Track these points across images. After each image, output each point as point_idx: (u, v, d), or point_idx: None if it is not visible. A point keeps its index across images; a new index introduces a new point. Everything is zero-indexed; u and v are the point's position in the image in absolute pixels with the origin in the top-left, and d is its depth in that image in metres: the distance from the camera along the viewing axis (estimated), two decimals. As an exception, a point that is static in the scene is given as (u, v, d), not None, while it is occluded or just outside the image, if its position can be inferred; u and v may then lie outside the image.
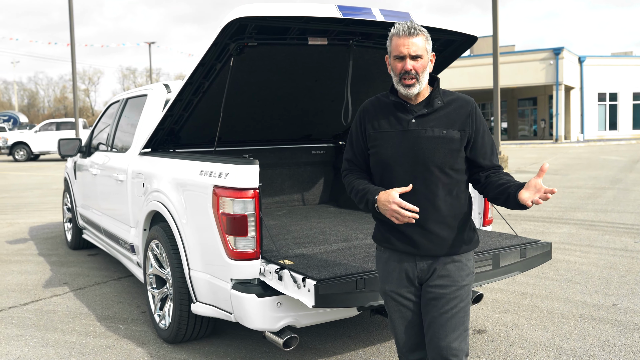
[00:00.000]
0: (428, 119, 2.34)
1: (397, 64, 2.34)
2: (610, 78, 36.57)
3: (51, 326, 4.41)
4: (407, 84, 2.32)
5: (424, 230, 2.35)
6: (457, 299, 2.38)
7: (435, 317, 2.38)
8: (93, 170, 5.78)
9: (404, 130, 2.36)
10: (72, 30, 21.48)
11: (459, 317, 2.38)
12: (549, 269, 5.76)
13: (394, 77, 2.37)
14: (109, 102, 6.34)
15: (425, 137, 2.32)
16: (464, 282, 2.40)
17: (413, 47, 2.30)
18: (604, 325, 4.21)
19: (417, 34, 2.32)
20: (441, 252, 2.37)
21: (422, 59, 2.32)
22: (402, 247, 2.40)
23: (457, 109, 2.38)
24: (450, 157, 2.33)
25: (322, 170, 5.64)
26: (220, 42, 3.52)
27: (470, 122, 2.37)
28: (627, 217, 8.61)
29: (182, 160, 3.92)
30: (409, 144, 2.34)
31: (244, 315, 3.19)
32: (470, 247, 2.44)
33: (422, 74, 2.33)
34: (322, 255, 3.44)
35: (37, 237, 7.98)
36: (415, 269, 2.41)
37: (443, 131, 2.32)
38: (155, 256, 4.13)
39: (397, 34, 2.33)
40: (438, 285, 2.38)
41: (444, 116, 2.35)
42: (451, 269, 2.38)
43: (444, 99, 2.39)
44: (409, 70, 2.30)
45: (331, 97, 4.71)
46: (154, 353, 3.86)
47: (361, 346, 3.91)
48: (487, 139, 2.42)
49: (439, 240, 2.35)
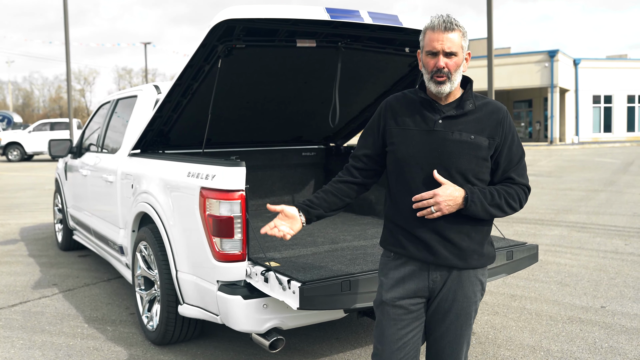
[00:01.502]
0: (457, 122, 2.19)
1: (430, 61, 2.18)
2: (605, 81, 36.71)
3: (39, 328, 4.39)
4: (439, 80, 2.16)
5: (442, 238, 2.20)
6: (466, 315, 2.28)
7: (443, 332, 2.28)
8: (83, 171, 5.76)
9: (429, 130, 2.20)
10: (67, 29, 21.44)
11: (466, 335, 2.30)
12: (539, 271, 5.78)
13: (426, 74, 2.21)
14: (101, 103, 6.33)
15: (452, 140, 2.17)
16: (476, 298, 2.29)
17: (448, 42, 2.14)
18: (592, 328, 4.22)
19: (454, 29, 2.16)
20: (458, 264, 2.22)
21: (456, 56, 2.18)
22: (417, 253, 2.23)
23: (489, 114, 2.23)
24: (476, 164, 2.18)
25: (312, 172, 5.64)
26: (209, 44, 3.52)
27: (500, 131, 2.21)
28: (619, 219, 8.64)
29: (170, 161, 3.92)
30: (432, 146, 2.18)
31: (230, 317, 3.18)
32: (487, 262, 2.30)
33: (455, 73, 2.18)
34: (309, 258, 3.43)
35: (27, 238, 7.95)
36: (427, 280, 2.25)
37: (471, 136, 2.17)
38: (143, 258, 4.13)
39: (431, 28, 2.17)
40: (450, 299, 2.25)
41: (473, 121, 2.20)
42: (465, 284, 2.25)
43: (476, 102, 2.24)
44: (442, 67, 2.15)
45: (321, 99, 4.71)
46: (141, 355, 3.85)
47: (349, 348, 3.91)
48: (514, 150, 2.25)
49: (458, 250, 2.21)
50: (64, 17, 21.43)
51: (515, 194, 2.25)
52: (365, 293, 2.97)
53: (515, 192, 2.25)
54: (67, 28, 21.45)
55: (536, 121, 37.95)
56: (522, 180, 2.27)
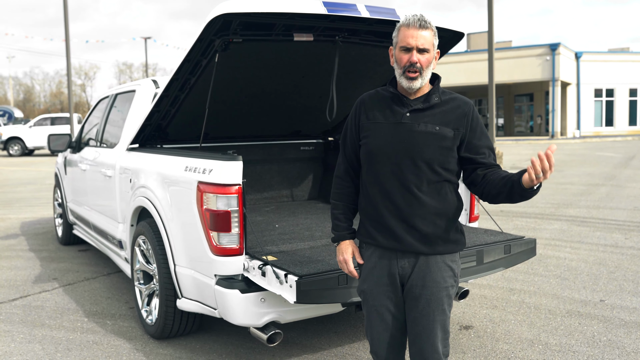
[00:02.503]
0: (423, 114, 2.31)
1: (403, 56, 2.28)
2: (607, 74, 36.58)
3: (39, 322, 4.40)
4: (411, 76, 2.27)
5: (407, 225, 2.31)
6: (437, 301, 2.34)
7: (416, 317, 2.36)
8: (82, 166, 5.77)
9: (397, 123, 2.32)
10: (67, 24, 21.41)
11: (441, 319, 2.35)
12: (538, 265, 5.78)
13: (398, 69, 2.32)
14: (100, 98, 6.33)
15: (417, 132, 2.29)
16: (446, 283, 2.35)
17: (421, 39, 2.26)
18: (591, 321, 4.22)
19: (427, 27, 2.27)
20: (424, 250, 2.32)
21: (428, 53, 2.28)
22: (384, 242, 2.36)
23: (454, 108, 2.34)
24: (440, 154, 2.29)
25: (311, 166, 5.64)
26: (205, 38, 3.51)
27: (465, 122, 2.33)
28: (619, 213, 8.63)
29: (168, 156, 3.92)
30: (400, 137, 2.31)
31: (227, 311, 3.19)
32: (455, 249, 2.38)
33: (426, 69, 2.29)
34: (306, 252, 3.44)
35: (28, 232, 7.97)
36: (396, 266, 2.36)
37: (436, 127, 2.29)
38: (142, 252, 4.13)
39: (406, 25, 2.28)
40: (419, 285, 2.33)
41: (439, 113, 2.32)
42: (433, 269, 2.33)
43: (442, 97, 2.35)
44: (415, 62, 2.25)
45: (319, 93, 4.71)
46: (141, 349, 3.86)
47: (347, 342, 3.92)
48: (484, 141, 2.37)
49: (422, 236, 2.31)
50: (64, 13, 21.40)
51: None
52: (362, 287, 2.97)
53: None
54: (67, 23, 21.42)
55: (537, 115, 37.86)
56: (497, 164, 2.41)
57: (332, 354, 3.72)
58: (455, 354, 3.71)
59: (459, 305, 4.64)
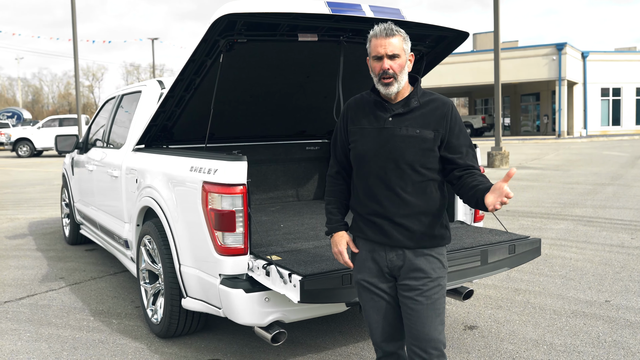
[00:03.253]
0: (404, 118, 2.42)
1: (376, 65, 2.41)
2: (614, 73, 36.41)
3: (45, 321, 4.44)
4: (386, 82, 2.39)
5: (394, 223, 2.42)
6: (430, 291, 2.43)
7: (411, 308, 2.43)
8: (89, 166, 5.81)
9: (381, 128, 2.44)
10: (75, 26, 21.52)
11: (434, 309, 2.43)
12: (543, 265, 5.77)
13: (374, 77, 2.44)
14: (106, 99, 6.37)
15: (399, 136, 2.40)
16: (436, 274, 2.45)
17: (390, 47, 2.37)
18: (596, 322, 4.21)
19: (394, 34, 2.38)
20: (410, 245, 2.42)
21: (399, 58, 2.39)
22: (373, 236, 2.47)
23: (433, 110, 2.44)
24: (422, 155, 2.39)
25: (316, 166, 5.65)
26: (210, 39, 3.53)
27: (444, 123, 2.42)
28: (626, 213, 8.59)
29: (173, 156, 3.94)
30: (382, 141, 2.42)
31: (232, 311, 3.20)
32: (440, 243, 2.49)
33: (400, 74, 2.40)
34: (310, 251, 3.45)
35: (36, 232, 8.02)
36: (385, 259, 2.46)
37: (417, 131, 2.39)
38: (147, 251, 4.16)
39: (374, 36, 2.41)
40: (411, 277, 2.43)
41: (419, 116, 2.42)
42: (422, 262, 2.43)
43: (422, 99, 2.45)
44: (387, 69, 2.37)
45: (324, 93, 4.72)
46: (146, 348, 3.88)
47: (352, 341, 3.93)
48: (462, 140, 2.46)
49: (408, 233, 2.42)
50: (72, 14, 21.51)
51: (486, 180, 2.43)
52: (366, 286, 2.98)
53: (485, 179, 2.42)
54: (74, 25, 21.54)
55: (544, 114, 37.73)
56: (478, 167, 2.49)
57: (336, 354, 3.73)
58: (460, 354, 3.71)
59: (464, 305, 4.64)
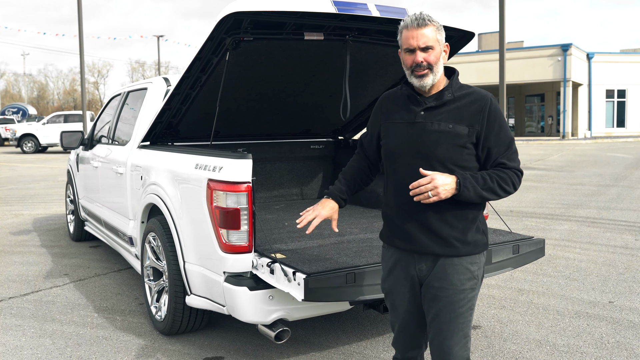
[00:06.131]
0: (437, 112, 2.27)
1: (408, 57, 2.28)
2: (619, 75, 36.28)
3: (49, 317, 4.46)
4: (420, 74, 2.25)
5: (423, 226, 2.28)
6: (455, 303, 2.29)
7: (433, 319, 2.34)
8: (94, 163, 5.82)
9: (412, 122, 2.31)
10: (81, 22, 21.58)
11: (457, 323, 2.31)
12: (547, 265, 5.76)
13: (406, 70, 2.31)
14: (112, 95, 6.38)
15: (431, 130, 2.25)
16: (464, 286, 2.29)
17: (422, 38, 2.23)
18: (599, 323, 4.21)
19: (427, 24, 2.24)
20: (440, 251, 2.28)
21: (433, 50, 2.25)
22: (401, 244, 2.36)
23: (469, 104, 2.28)
24: (455, 152, 2.24)
25: (321, 164, 5.66)
26: (216, 37, 3.54)
27: (480, 118, 2.25)
28: (630, 214, 8.57)
29: (178, 153, 3.95)
30: (414, 136, 2.29)
31: (236, 308, 3.21)
32: (473, 250, 2.31)
33: (436, 65, 2.26)
34: (315, 250, 3.45)
35: (40, 228, 8.05)
36: (414, 269, 2.35)
37: (449, 125, 2.24)
38: (152, 249, 4.17)
39: (405, 27, 2.27)
40: (436, 287, 2.31)
41: (453, 110, 2.27)
42: (450, 272, 2.29)
43: (457, 92, 2.29)
44: (420, 62, 2.24)
45: (329, 92, 4.72)
46: (150, 344, 3.89)
47: (355, 340, 3.94)
48: (503, 137, 2.28)
49: (438, 238, 2.27)
50: (78, 11, 21.56)
51: (509, 178, 2.28)
52: (370, 285, 2.99)
53: (508, 176, 2.28)
54: (80, 21, 21.59)
55: (548, 115, 37.63)
56: (513, 164, 2.30)
57: (339, 352, 3.74)
58: (463, 354, 3.71)
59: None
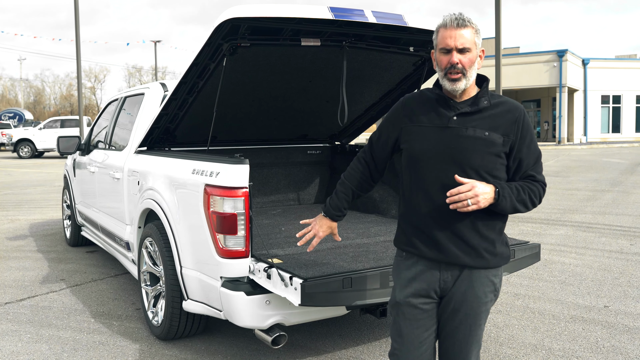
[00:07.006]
0: (471, 118, 2.19)
1: (443, 58, 2.18)
2: (614, 81, 36.50)
3: (46, 322, 4.45)
4: (453, 78, 2.16)
5: (454, 235, 2.20)
6: (477, 316, 2.27)
7: (452, 331, 2.29)
8: (91, 168, 5.83)
9: (443, 127, 2.20)
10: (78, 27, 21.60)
11: (476, 335, 2.29)
12: (543, 270, 5.78)
13: (439, 71, 2.21)
14: (109, 100, 6.39)
15: (465, 137, 2.17)
16: (487, 298, 2.27)
17: (461, 39, 2.14)
18: (594, 327, 4.23)
19: (466, 25, 2.16)
20: (470, 262, 2.21)
21: (470, 52, 2.16)
22: (428, 252, 2.24)
23: (504, 112, 2.21)
24: (489, 161, 2.17)
25: (318, 170, 5.68)
26: (214, 43, 3.56)
27: (515, 129, 2.20)
28: (625, 219, 8.61)
29: (175, 159, 3.96)
30: (446, 142, 2.19)
31: (233, 313, 3.22)
32: (500, 262, 2.28)
33: (470, 69, 2.17)
34: (311, 255, 3.47)
35: (37, 233, 8.04)
36: (439, 280, 2.26)
37: (485, 133, 2.16)
38: (149, 254, 4.17)
39: (443, 26, 2.18)
40: (459, 299, 2.25)
41: (488, 117, 2.19)
42: (476, 284, 2.24)
43: (492, 100, 2.22)
44: (455, 63, 2.14)
45: (326, 97, 4.75)
46: (146, 350, 3.90)
47: (352, 345, 3.95)
48: (533, 149, 2.24)
49: (468, 248, 2.20)
50: (75, 16, 21.59)
51: (537, 190, 2.25)
52: (366, 290, 3.00)
53: (537, 189, 2.25)
54: (77, 26, 21.62)
55: (544, 121, 37.77)
56: (541, 177, 2.28)
57: (336, 357, 3.75)
58: (459, 358, 3.72)
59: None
